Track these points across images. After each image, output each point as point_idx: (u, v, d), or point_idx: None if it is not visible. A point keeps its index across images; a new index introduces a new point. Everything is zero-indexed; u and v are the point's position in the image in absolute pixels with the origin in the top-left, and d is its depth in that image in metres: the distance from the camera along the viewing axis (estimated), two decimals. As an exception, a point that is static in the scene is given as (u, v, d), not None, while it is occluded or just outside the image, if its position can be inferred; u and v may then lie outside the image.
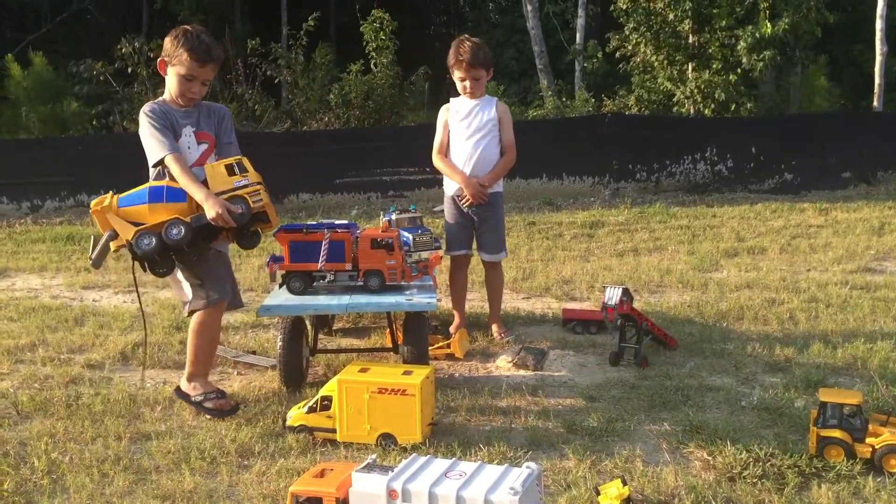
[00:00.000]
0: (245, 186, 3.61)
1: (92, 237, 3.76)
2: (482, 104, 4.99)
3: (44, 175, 11.05)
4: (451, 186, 5.09)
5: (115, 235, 3.62)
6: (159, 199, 3.62)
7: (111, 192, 3.71)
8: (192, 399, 3.84)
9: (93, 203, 3.67)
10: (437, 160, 5.08)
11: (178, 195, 3.63)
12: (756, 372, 4.39)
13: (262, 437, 3.55)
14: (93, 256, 3.67)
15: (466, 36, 5.02)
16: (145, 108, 3.83)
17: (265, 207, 3.61)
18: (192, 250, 3.66)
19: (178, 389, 3.96)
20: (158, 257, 3.60)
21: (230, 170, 3.63)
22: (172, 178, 3.70)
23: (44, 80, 15.46)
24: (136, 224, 3.59)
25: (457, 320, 5.14)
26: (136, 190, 3.69)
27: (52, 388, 4.26)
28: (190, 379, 3.89)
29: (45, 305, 6.07)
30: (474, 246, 5.20)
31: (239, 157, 3.71)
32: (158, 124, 3.73)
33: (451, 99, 5.09)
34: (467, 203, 4.98)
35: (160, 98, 3.93)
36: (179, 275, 3.80)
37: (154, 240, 3.54)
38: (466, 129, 4.96)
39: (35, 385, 4.33)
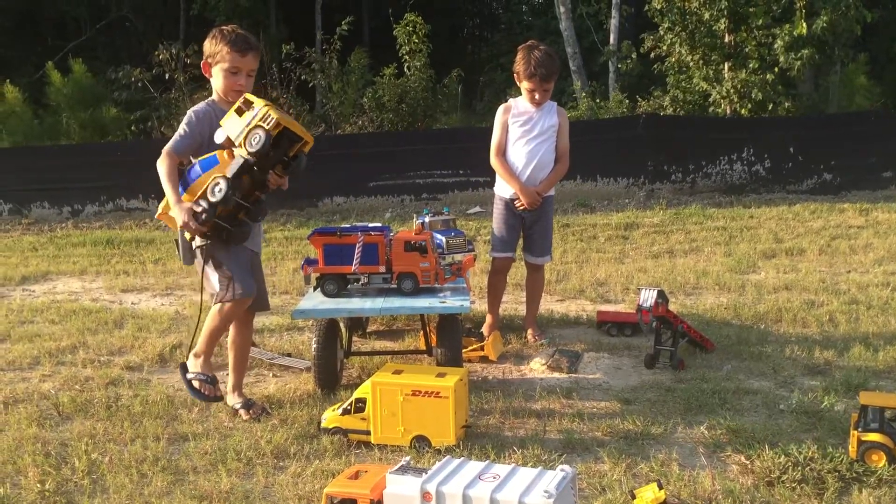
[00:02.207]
0: (254, 117, 3.59)
1: (174, 241, 3.94)
2: (545, 109, 4.95)
3: (84, 180, 11.25)
4: (505, 189, 5.05)
5: None
6: (208, 167, 3.69)
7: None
8: (186, 376, 3.92)
9: (157, 214, 3.86)
10: (495, 161, 5.02)
11: (212, 161, 3.70)
12: (795, 375, 4.33)
13: (297, 439, 3.58)
14: (181, 256, 3.83)
15: (535, 42, 4.91)
16: (193, 108, 3.91)
17: (281, 122, 3.55)
18: (257, 206, 3.76)
19: (182, 365, 4.00)
20: (226, 215, 3.65)
21: (239, 112, 3.64)
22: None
23: (83, 87, 15.74)
24: None
25: (489, 321, 5.13)
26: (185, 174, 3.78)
27: (92, 390, 4.34)
28: (196, 356, 3.95)
29: (86, 308, 6.18)
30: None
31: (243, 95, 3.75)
32: (189, 128, 3.81)
33: (511, 99, 5.05)
34: (522, 207, 4.98)
35: (210, 98, 3.98)
36: (210, 270, 3.85)
37: (222, 182, 3.57)
38: (528, 134, 4.92)
39: (76, 386, 4.40)
